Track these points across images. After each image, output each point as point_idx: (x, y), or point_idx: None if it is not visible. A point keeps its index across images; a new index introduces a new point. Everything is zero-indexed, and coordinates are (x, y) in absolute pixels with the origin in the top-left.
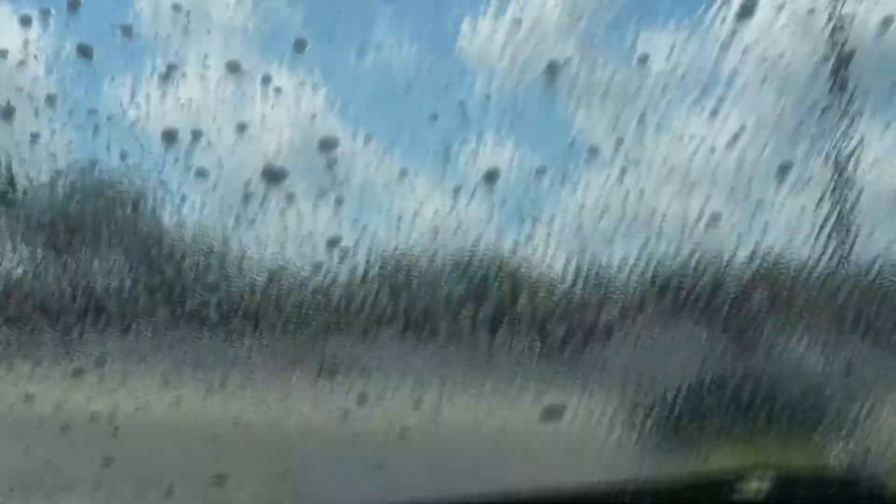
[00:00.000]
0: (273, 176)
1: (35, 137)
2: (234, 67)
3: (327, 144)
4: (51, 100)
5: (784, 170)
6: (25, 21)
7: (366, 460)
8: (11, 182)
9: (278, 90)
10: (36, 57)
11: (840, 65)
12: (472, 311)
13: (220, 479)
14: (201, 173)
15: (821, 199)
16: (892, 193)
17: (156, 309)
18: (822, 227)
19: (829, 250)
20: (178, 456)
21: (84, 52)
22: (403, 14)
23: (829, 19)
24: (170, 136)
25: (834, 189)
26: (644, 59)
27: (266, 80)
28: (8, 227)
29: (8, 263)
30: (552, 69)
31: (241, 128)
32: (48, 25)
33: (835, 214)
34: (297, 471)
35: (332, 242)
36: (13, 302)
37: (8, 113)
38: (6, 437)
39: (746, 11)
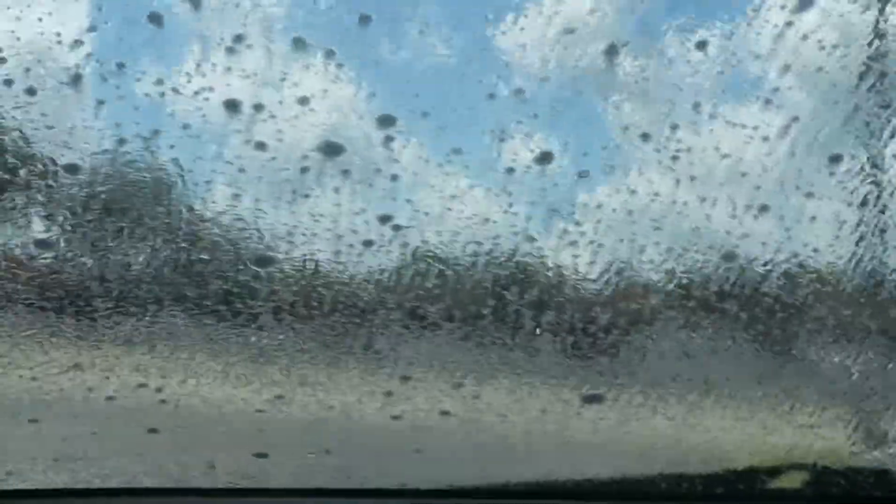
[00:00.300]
0: (330, 151)
1: (100, 104)
2: (298, 41)
3: (385, 121)
4: (119, 67)
5: (835, 161)
6: None
7: (405, 442)
8: (74, 150)
9: (340, 65)
10: (106, 23)
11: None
12: (518, 296)
13: (261, 456)
14: (260, 146)
15: (870, 192)
16: None
17: (206, 282)
18: (869, 221)
19: (875, 246)
20: (221, 430)
21: (154, 20)
22: None
23: (889, 9)
24: (232, 108)
25: (884, 182)
26: (702, 46)
27: (329, 54)
28: (66, 194)
29: (64, 231)
30: (609, 53)
31: (303, 101)
32: None
33: (883, 208)
34: (337, 451)
35: (384, 220)
36: (66, 270)
37: (76, 80)
38: (53, 406)
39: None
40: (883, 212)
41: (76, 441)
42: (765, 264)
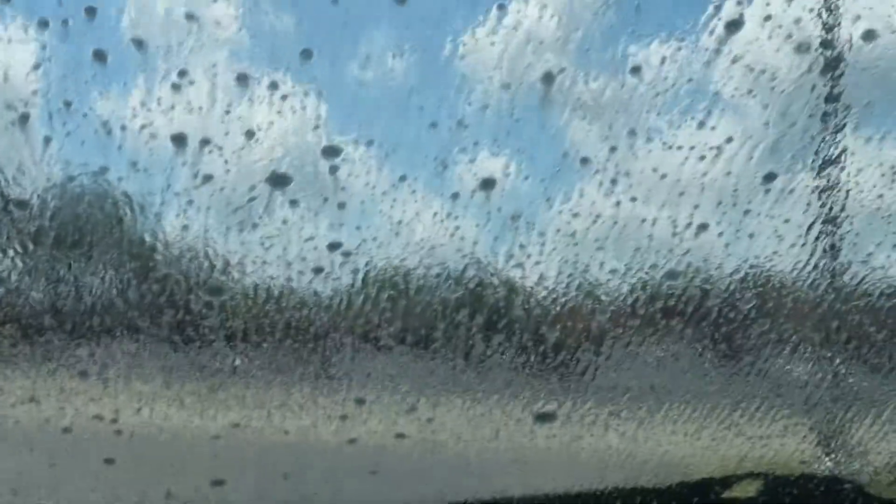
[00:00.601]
0: (277, 182)
1: (48, 141)
2: (241, 76)
3: (330, 152)
4: (66, 105)
5: (769, 179)
6: (42, 25)
7: (362, 465)
8: (23, 186)
9: (284, 97)
10: (51, 60)
11: (825, 77)
12: (468, 318)
13: (219, 483)
14: (207, 178)
15: (806, 209)
16: (875, 202)
17: (158, 312)
18: (806, 235)
19: (815, 259)
20: (178, 458)
21: (99, 57)
22: (405, 27)
23: (814, 33)
24: (179, 142)
25: (818, 198)
26: (636, 71)
27: (273, 86)
28: (17, 229)
29: (15, 265)
30: (546, 80)
31: (249, 134)
32: (65, 32)
33: (819, 223)
34: (294, 475)
35: (333, 247)
36: (18, 304)
37: (24, 119)
38: (10, 439)
39: (735, 25)
40: (827, 223)
41: (33, 473)
42: (708, 279)
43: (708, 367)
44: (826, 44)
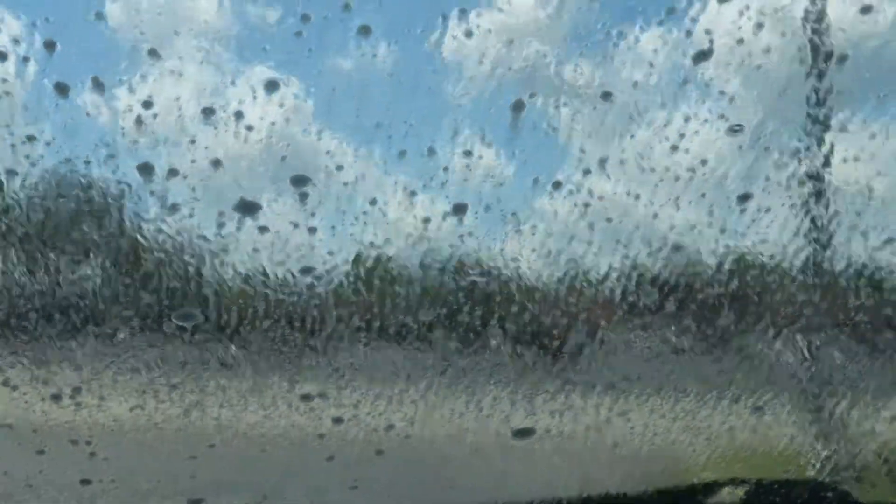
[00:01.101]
0: (246, 209)
1: (11, 173)
2: (207, 109)
3: (299, 180)
4: (28, 139)
5: (743, 199)
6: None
7: (341, 481)
8: None
9: (250, 128)
10: (9, 93)
11: (800, 99)
12: (443, 337)
13: (196, 503)
14: (175, 208)
15: (782, 227)
16: (853, 219)
17: (132, 334)
18: (785, 250)
19: (794, 272)
20: (155, 478)
21: (61, 89)
22: (372, 56)
23: (787, 56)
24: (146, 174)
25: (795, 216)
26: (607, 96)
27: (238, 116)
28: None
29: None
30: (517, 106)
31: (216, 164)
32: (25, 64)
33: (798, 238)
34: (272, 494)
35: (306, 271)
36: None
37: None
38: None
39: (705, 52)
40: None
41: (9, 495)
42: (690, 290)
43: (690, 376)
44: (799, 67)
